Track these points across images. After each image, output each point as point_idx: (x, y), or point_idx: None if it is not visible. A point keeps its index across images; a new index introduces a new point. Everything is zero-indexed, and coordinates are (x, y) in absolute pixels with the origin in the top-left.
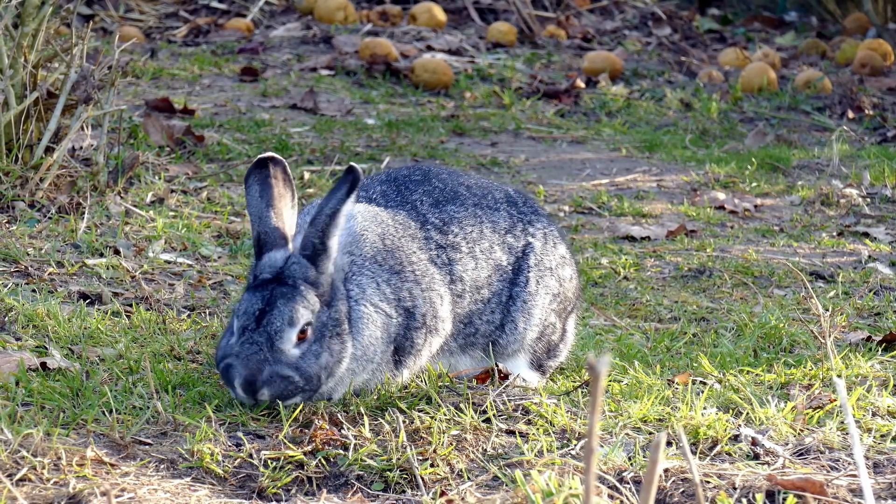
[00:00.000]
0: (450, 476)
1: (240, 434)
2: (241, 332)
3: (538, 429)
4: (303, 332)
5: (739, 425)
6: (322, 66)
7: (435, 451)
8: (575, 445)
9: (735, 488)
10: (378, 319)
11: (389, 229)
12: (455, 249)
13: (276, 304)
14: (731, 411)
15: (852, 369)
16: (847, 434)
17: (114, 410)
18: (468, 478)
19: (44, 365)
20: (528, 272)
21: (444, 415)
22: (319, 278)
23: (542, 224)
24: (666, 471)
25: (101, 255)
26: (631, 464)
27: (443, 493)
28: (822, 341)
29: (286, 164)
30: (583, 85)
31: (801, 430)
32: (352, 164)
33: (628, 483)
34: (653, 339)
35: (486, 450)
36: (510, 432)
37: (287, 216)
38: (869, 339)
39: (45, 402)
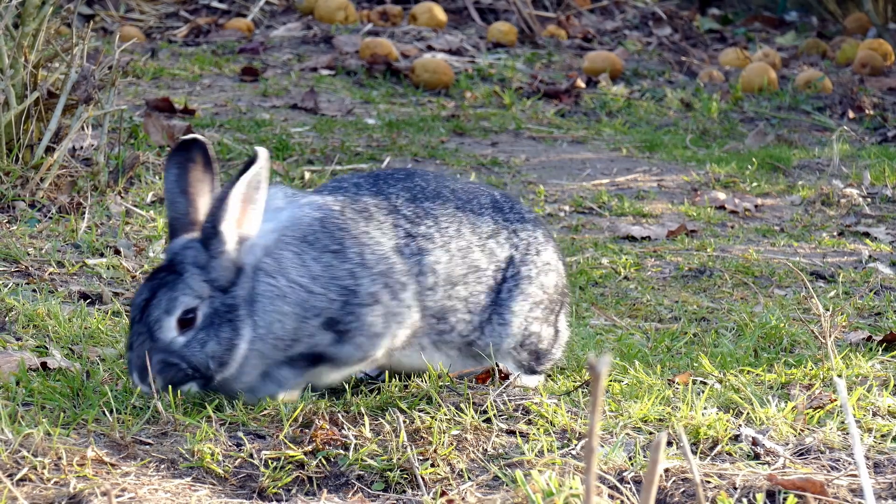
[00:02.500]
0: (450, 476)
1: (240, 434)
2: (130, 325)
3: (539, 429)
4: (189, 319)
5: (740, 425)
6: (322, 65)
7: (435, 451)
8: (575, 445)
9: (735, 488)
10: (291, 295)
11: (335, 213)
12: (427, 239)
13: (157, 294)
14: (731, 411)
15: (853, 369)
16: (847, 434)
17: (114, 410)
18: (469, 478)
19: (44, 365)
20: (508, 283)
21: (445, 415)
22: (211, 262)
23: (527, 233)
24: (666, 471)
25: (102, 254)
26: (631, 464)
27: (443, 493)
28: (823, 341)
29: (209, 146)
30: (583, 85)
31: (801, 430)
32: (258, 148)
33: (629, 483)
34: (653, 339)
35: (486, 450)
36: (511, 432)
37: (202, 201)
38: (869, 338)
39: (46, 402)
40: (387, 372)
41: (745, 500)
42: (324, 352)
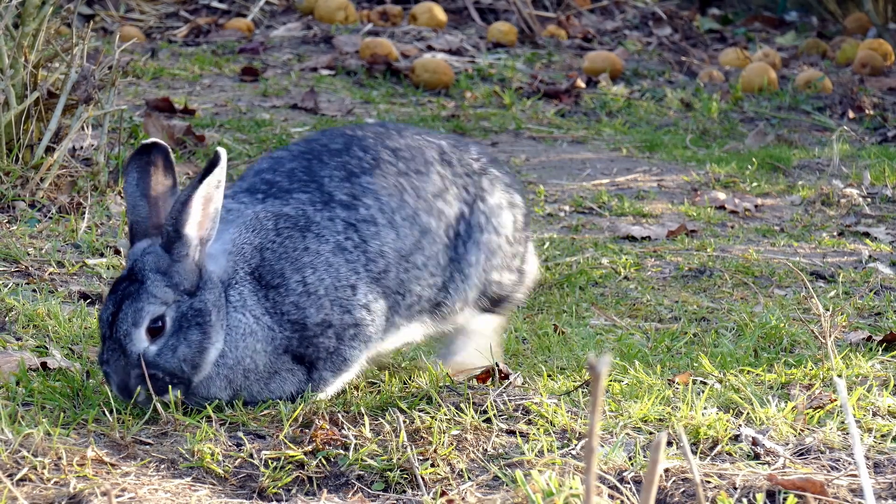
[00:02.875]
0: (450, 476)
1: (240, 434)
2: (102, 341)
3: (539, 429)
4: (158, 326)
5: (740, 425)
6: (322, 65)
7: (435, 451)
8: (575, 445)
9: (735, 488)
10: (258, 331)
11: (270, 235)
12: (369, 223)
13: (122, 307)
14: (731, 411)
15: (853, 369)
16: (847, 434)
17: (114, 410)
18: (469, 478)
19: (44, 365)
20: (462, 237)
21: (445, 415)
22: (174, 266)
23: (475, 186)
24: (666, 471)
25: (102, 254)
26: (631, 464)
27: (443, 493)
28: (823, 341)
29: (169, 150)
30: (583, 85)
31: (801, 430)
32: (218, 148)
33: (629, 483)
34: (653, 338)
35: (486, 450)
36: (511, 432)
37: (163, 205)
38: (869, 338)
39: (46, 402)
40: (387, 372)
41: (745, 500)
42: (307, 386)
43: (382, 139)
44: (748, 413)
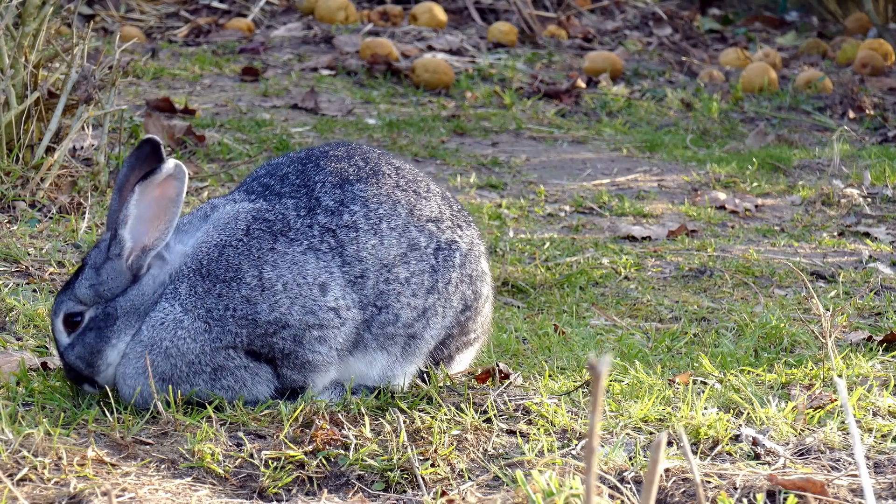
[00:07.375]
0: (451, 476)
1: (240, 434)
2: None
3: (539, 429)
4: (77, 321)
5: (740, 425)
6: (323, 66)
7: (436, 451)
8: (576, 445)
9: (736, 488)
10: (185, 320)
11: (238, 234)
12: (350, 229)
13: (59, 292)
14: (731, 411)
15: (853, 369)
16: (848, 434)
17: (114, 410)
18: (469, 478)
19: (45, 365)
20: (452, 272)
21: (445, 415)
22: (105, 264)
23: (471, 232)
24: (667, 471)
25: None
26: (632, 464)
27: (444, 493)
28: (823, 341)
29: (160, 144)
30: (584, 85)
31: (801, 430)
32: (170, 159)
33: (629, 483)
34: (653, 338)
35: (486, 450)
36: (511, 432)
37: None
38: (870, 338)
39: (46, 402)
40: None
41: (745, 500)
42: (281, 381)
43: (386, 157)
44: (748, 413)
